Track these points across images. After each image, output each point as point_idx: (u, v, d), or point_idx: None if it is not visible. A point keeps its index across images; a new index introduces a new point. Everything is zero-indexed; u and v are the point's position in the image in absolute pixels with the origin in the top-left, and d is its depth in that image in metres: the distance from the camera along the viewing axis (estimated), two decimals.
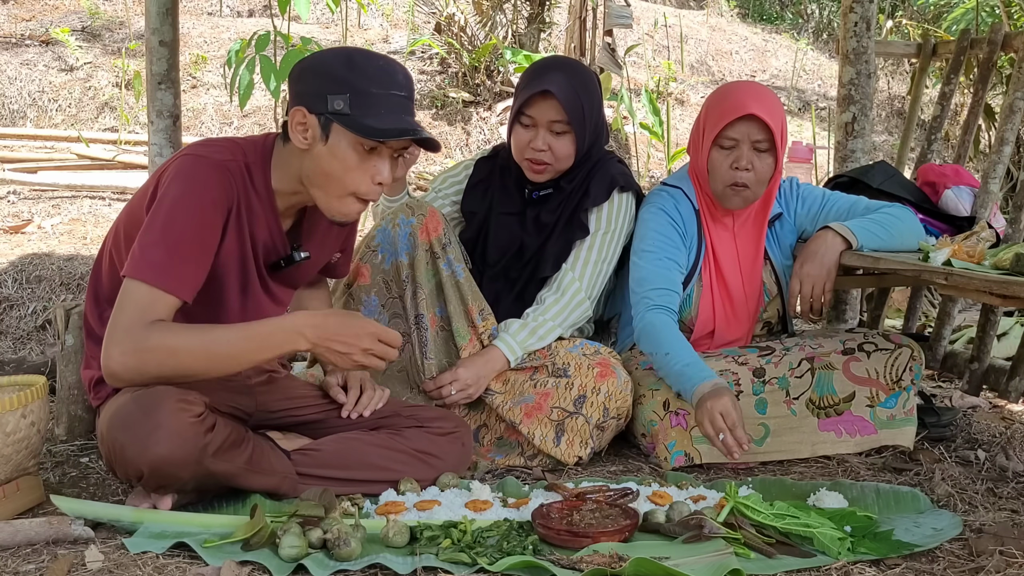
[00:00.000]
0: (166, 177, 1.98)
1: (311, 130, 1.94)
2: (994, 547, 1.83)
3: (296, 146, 1.97)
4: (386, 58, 2.00)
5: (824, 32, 11.30)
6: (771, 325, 2.75)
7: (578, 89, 2.51)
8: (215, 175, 1.96)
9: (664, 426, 2.45)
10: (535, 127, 2.51)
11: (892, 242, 2.46)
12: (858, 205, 2.62)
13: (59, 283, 3.94)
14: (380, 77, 1.93)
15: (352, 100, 1.90)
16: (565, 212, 2.61)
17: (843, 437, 2.51)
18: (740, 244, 2.61)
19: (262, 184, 2.03)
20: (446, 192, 2.75)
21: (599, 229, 2.59)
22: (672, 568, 1.65)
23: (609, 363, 2.46)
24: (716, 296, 2.60)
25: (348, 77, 1.91)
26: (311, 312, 2.11)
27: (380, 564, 1.75)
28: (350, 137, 1.92)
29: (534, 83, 2.51)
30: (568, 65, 2.61)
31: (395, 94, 1.94)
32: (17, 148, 6.25)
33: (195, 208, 1.93)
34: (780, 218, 2.66)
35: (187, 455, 1.86)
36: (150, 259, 1.90)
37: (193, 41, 7.86)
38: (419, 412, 2.28)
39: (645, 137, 6.92)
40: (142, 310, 1.89)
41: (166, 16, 3.18)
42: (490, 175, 2.70)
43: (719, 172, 2.49)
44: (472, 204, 2.70)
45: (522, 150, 2.55)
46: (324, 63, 1.96)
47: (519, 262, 2.65)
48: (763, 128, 2.43)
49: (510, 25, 7.92)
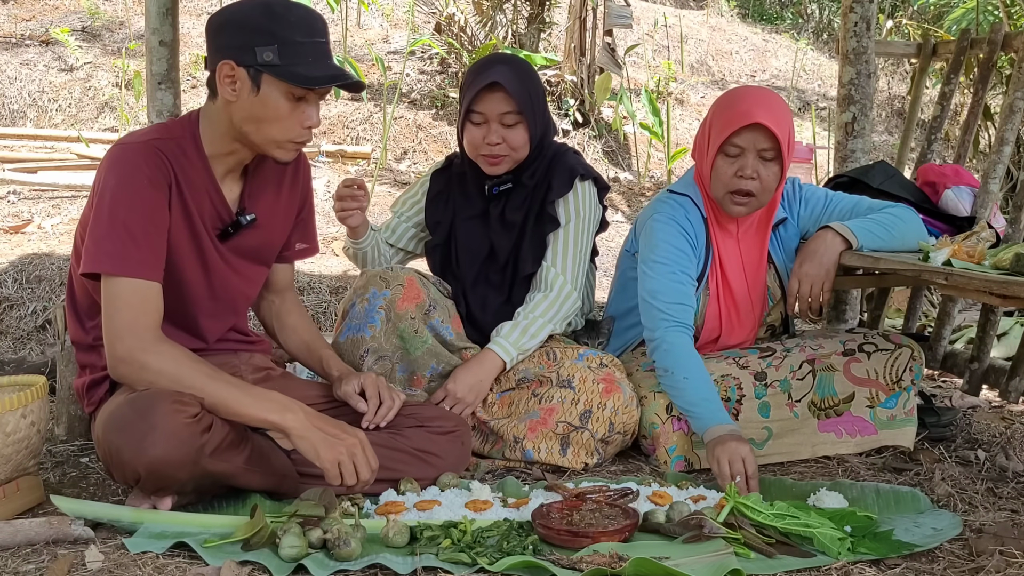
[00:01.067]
0: (100, 171, 2.00)
1: (240, 82, 1.96)
2: (994, 547, 1.83)
3: (224, 99, 1.99)
4: (301, 5, 2.02)
5: (824, 32, 11.30)
6: (774, 328, 2.75)
7: (523, 78, 2.52)
8: (145, 156, 1.99)
9: (666, 430, 2.45)
10: (486, 122, 2.50)
11: (893, 242, 2.45)
12: (860, 205, 2.60)
13: (59, 283, 3.94)
14: (302, 25, 1.96)
15: (281, 51, 1.93)
16: (533, 208, 2.61)
17: (843, 438, 2.51)
18: (744, 250, 2.59)
19: (195, 154, 2.05)
20: (408, 215, 2.76)
21: (568, 220, 2.59)
22: (672, 568, 1.65)
23: (614, 378, 2.45)
24: (722, 303, 2.58)
25: (273, 28, 1.93)
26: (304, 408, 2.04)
27: (380, 564, 1.75)
28: (282, 87, 1.95)
29: (480, 79, 2.50)
30: (508, 58, 2.62)
31: (318, 41, 1.98)
32: (17, 148, 6.25)
33: (134, 191, 1.96)
34: (784, 223, 2.64)
35: (183, 456, 1.86)
36: (106, 250, 1.93)
37: (193, 41, 7.85)
38: (419, 411, 2.28)
39: (645, 137, 6.91)
40: (134, 308, 1.92)
41: (166, 16, 3.18)
42: (448, 184, 2.70)
43: (723, 179, 2.44)
44: (435, 215, 2.69)
45: (476, 147, 2.54)
46: (244, 15, 1.97)
47: (495, 264, 2.64)
48: (770, 137, 2.38)
49: (510, 25, 7.92)
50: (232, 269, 2.15)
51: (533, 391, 2.47)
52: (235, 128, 2.02)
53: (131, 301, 1.93)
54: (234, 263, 2.16)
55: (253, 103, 1.97)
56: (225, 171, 2.10)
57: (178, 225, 2.03)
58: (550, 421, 2.40)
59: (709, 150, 2.47)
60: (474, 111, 2.51)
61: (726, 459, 2.17)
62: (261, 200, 2.18)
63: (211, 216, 2.09)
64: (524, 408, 2.45)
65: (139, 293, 1.94)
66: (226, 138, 2.05)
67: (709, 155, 2.46)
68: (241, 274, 2.18)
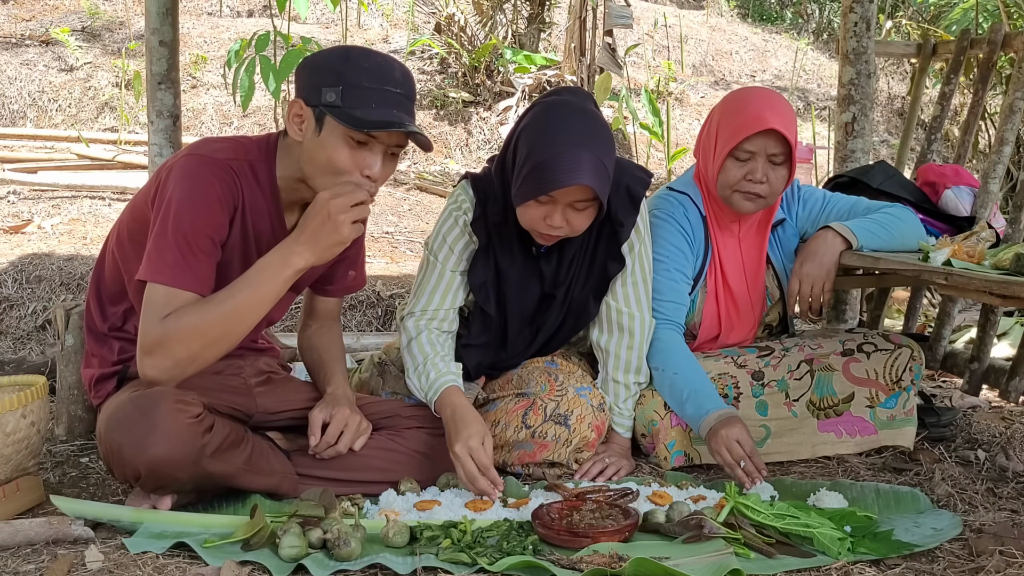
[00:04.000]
0: (171, 178, 1.98)
1: (306, 121, 1.96)
2: (994, 547, 1.83)
3: (293, 138, 1.99)
4: (386, 56, 2.00)
5: (824, 32, 11.30)
6: (772, 327, 2.75)
7: (604, 159, 2.13)
8: (218, 173, 1.98)
9: (664, 426, 2.45)
10: (553, 204, 2.14)
11: (892, 242, 2.45)
12: (859, 205, 2.61)
13: (59, 283, 3.94)
14: (374, 72, 1.94)
15: (344, 92, 1.91)
16: (589, 248, 2.37)
17: (843, 438, 2.51)
18: (745, 249, 2.59)
19: (266, 179, 2.05)
20: (462, 267, 2.36)
21: (633, 247, 2.38)
22: (672, 568, 1.65)
23: (607, 429, 2.42)
24: (721, 302, 2.58)
25: (342, 70, 1.93)
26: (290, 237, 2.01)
27: (380, 564, 1.75)
28: (341, 129, 1.93)
29: (563, 174, 2.07)
30: (588, 130, 2.13)
31: (389, 90, 1.94)
32: (17, 148, 6.25)
33: (202, 207, 1.95)
34: (783, 223, 2.64)
35: (184, 456, 1.86)
36: (166, 261, 1.92)
37: (193, 41, 7.86)
38: (419, 413, 2.28)
39: (645, 137, 6.92)
40: (160, 310, 1.91)
41: (166, 16, 3.18)
42: (488, 237, 2.32)
43: (731, 182, 2.42)
44: (477, 276, 2.34)
45: (534, 223, 2.19)
46: (323, 58, 1.99)
47: (547, 307, 2.42)
48: (781, 142, 2.36)
49: (510, 25, 7.93)
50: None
51: (525, 421, 2.34)
52: (302, 166, 2.01)
53: (167, 309, 1.91)
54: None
55: (315, 144, 1.95)
56: (291, 201, 2.10)
57: (233, 244, 2.03)
58: (539, 456, 2.34)
59: (716, 152, 2.44)
60: (544, 192, 2.12)
61: (723, 448, 2.20)
62: None
63: (269, 242, 2.06)
64: (515, 436, 2.35)
65: (177, 303, 1.92)
66: (296, 173, 2.04)
67: (717, 158, 2.44)
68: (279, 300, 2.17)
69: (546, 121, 2.15)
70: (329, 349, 2.31)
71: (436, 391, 2.20)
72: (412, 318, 2.33)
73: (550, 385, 2.39)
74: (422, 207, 5.84)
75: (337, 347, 2.33)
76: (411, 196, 6.03)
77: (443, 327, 2.33)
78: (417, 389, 2.26)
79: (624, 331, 2.41)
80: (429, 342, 2.29)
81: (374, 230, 5.17)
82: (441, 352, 2.28)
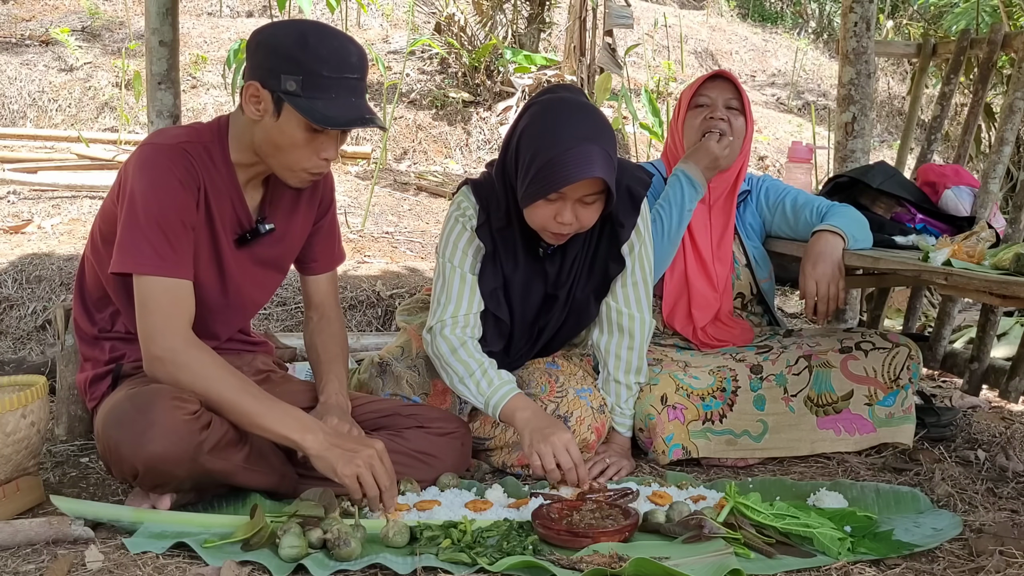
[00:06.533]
0: (130, 171, 2.00)
1: (263, 103, 1.96)
2: (994, 547, 1.83)
3: (251, 117, 1.99)
4: (340, 37, 1.99)
5: (824, 32, 11.31)
6: (744, 297, 2.78)
7: (610, 151, 2.14)
8: (176, 158, 2.00)
9: (662, 420, 2.45)
10: (562, 200, 2.15)
11: (865, 240, 2.54)
12: (813, 202, 2.70)
13: (59, 283, 3.94)
14: (333, 59, 1.93)
15: (304, 82, 1.91)
16: (590, 247, 2.38)
17: (842, 435, 2.51)
18: (714, 216, 2.73)
19: (221, 159, 2.06)
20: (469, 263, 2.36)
21: (633, 248, 2.38)
22: (672, 568, 1.65)
23: (606, 431, 2.42)
24: (688, 262, 2.69)
25: (301, 58, 1.92)
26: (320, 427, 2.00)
27: (380, 564, 1.75)
28: (299, 118, 1.94)
29: (574, 169, 2.08)
30: (591, 124, 2.15)
31: (347, 77, 1.95)
32: (17, 148, 6.25)
33: (167, 191, 1.97)
34: (747, 197, 2.83)
35: (182, 453, 1.86)
36: (141, 250, 1.94)
37: (193, 41, 7.86)
38: (419, 413, 2.28)
39: (645, 137, 6.92)
40: (168, 308, 1.94)
41: (166, 16, 3.18)
42: (493, 243, 2.33)
43: (696, 127, 2.68)
44: (486, 283, 2.35)
45: (544, 223, 2.19)
46: (279, 39, 1.95)
47: (550, 308, 2.44)
48: (733, 89, 2.68)
49: (510, 25, 7.92)
50: (246, 275, 2.16)
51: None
52: (256, 145, 2.03)
53: (164, 300, 1.95)
54: (249, 269, 2.17)
55: (272, 127, 1.97)
56: (248, 179, 2.11)
57: (201, 228, 2.05)
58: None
59: (680, 114, 2.74)
60: (553, 190, 2.13)
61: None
62: (280, 209, 2.18)
63: (232, 222, 2.10)
64: (515, 437, 2.34)
65: (172, 292, 1.96)
66: (250, 151, 2.06)
67: (680, 117, 2.73)
68: (254, 280, 2.19)
69: (547, 119, 2.15)
70: (327, 349, 2.31)
71: (504, 396, 2.22)
72: (446, 327, 2.30)
73: (550, 386, 2.40)
74: (422, 207, 5.83)
75: (335, 346, 2.33)
76: (411, 196, 6.03)
77: (476, 334, 2.33)
78: (474, 395, 2.26)
79: (624, 332, 2.41)
80: (477, 350, 2.29)
81: (374, 230, 5.17)
82: (489, 360, 2.29)
